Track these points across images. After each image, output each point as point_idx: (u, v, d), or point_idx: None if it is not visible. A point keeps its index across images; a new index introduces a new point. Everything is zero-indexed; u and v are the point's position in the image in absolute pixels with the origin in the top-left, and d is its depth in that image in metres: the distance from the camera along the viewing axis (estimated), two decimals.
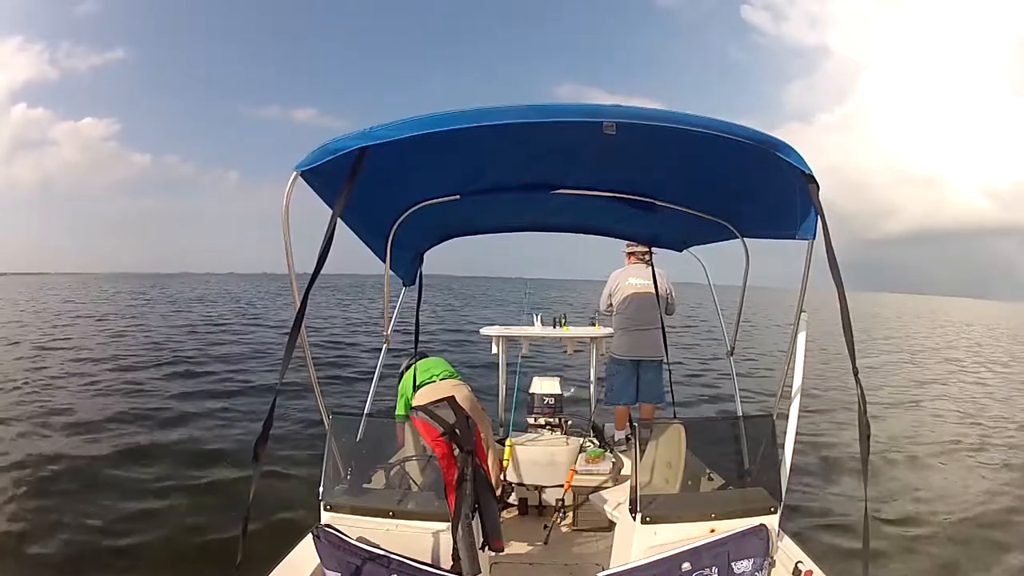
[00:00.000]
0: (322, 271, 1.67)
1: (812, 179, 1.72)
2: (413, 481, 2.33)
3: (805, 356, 2.12)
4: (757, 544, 1.85)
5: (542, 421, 4.08)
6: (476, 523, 2.05)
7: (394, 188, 2.36)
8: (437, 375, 3.04)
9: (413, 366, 3.12)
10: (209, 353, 12.95)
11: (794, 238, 2.13)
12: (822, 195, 1.74)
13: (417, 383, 3.00)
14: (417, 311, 3.60)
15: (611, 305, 4.39)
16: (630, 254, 4.33)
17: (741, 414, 2.97)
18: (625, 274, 4.30)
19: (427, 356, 3.28)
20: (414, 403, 2.79)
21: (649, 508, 2.01)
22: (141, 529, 4.34)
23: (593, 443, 3.78)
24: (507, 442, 3.57)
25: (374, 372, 3.28)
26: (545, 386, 4.22)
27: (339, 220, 1.72)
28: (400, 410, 3.09)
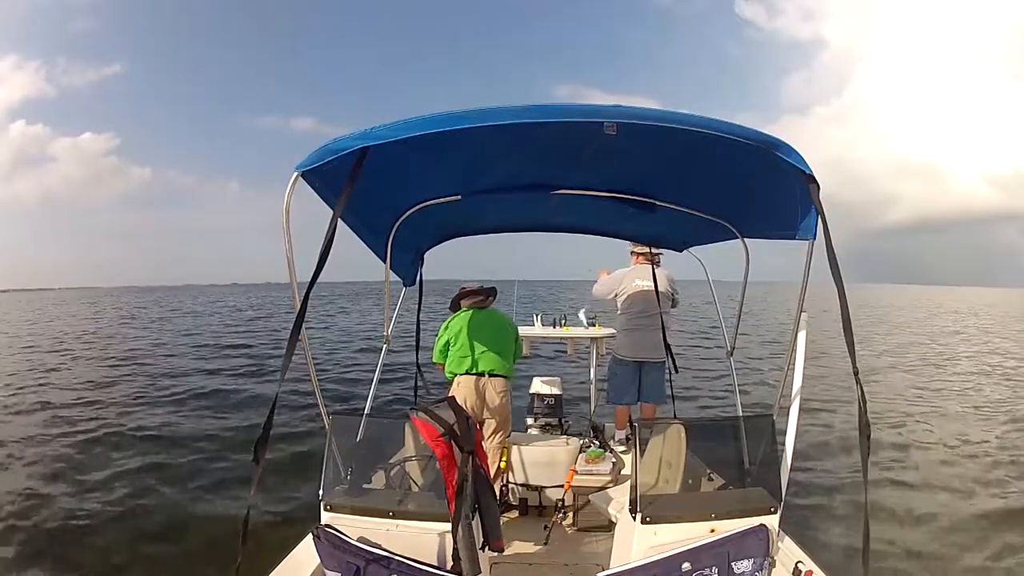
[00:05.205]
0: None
1: (812, 179, 1.72)
2: (413, 481, 2.33)
3: (805, 355, 2.12)
4: (757, 544, 1.85)
5: (542, 421, 4.08)
6: (476, 523, 2.04)
7: (395, 188, 2.36)
8: (490, 367, 3.34)
9: (472, 311, 3.43)
10: None
11: (794, 238, 2.13)
12: (822, 188, 1.75)
13: (477, 355, 3.33)
14: (419, 312, 3.60)
15: (615, 298, 4.37)
16: (636, 254, 4.32)
17: (741, 414, 2.97)
18: (632, 275, 4.28)
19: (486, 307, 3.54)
20: (455, 390, 3.25)
21: (649, 508, 2.00)
22: (140, 528, 4.34)
23: (593, 443, 3.78)
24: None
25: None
26: (545, 387, 4.21)
27: (339, 221, 1.72)
28: (439, 349, 3.46)
